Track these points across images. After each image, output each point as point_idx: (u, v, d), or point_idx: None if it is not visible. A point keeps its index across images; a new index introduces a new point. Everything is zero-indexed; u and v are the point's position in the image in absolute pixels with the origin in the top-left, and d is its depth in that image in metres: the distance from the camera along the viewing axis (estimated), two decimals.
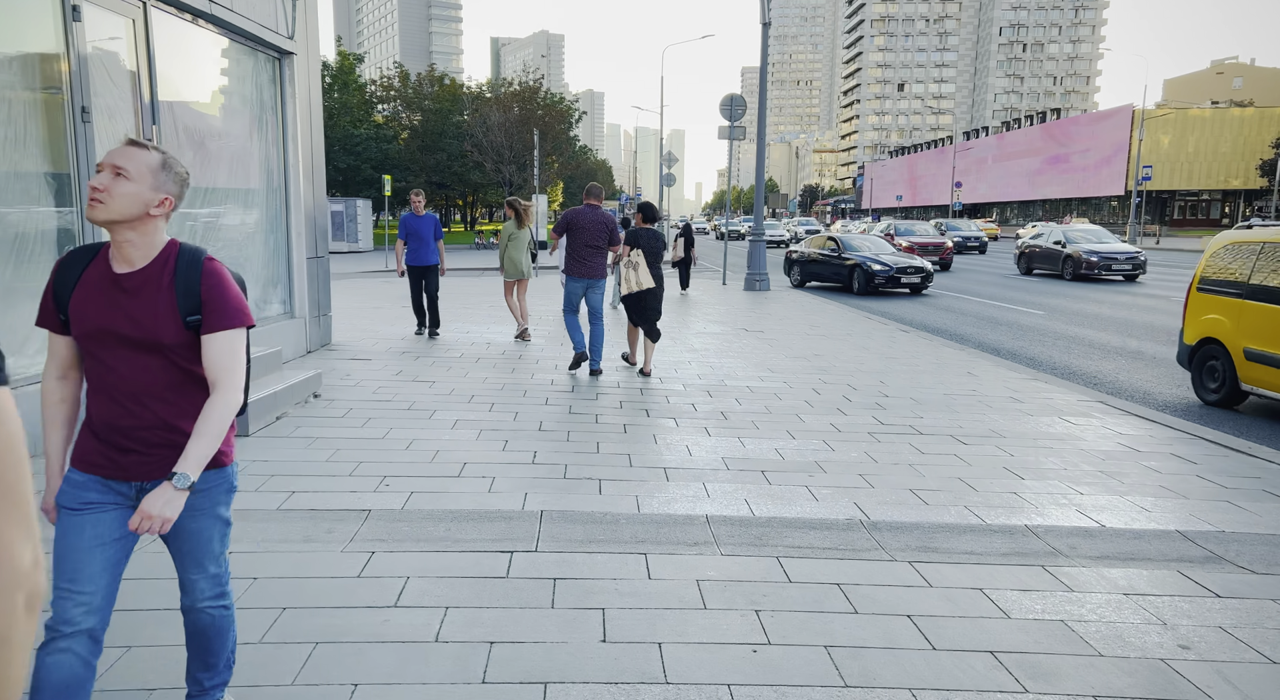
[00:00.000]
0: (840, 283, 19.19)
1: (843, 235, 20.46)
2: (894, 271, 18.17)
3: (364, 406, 6.20)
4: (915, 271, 18.19)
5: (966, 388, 8.02)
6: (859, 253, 18.93)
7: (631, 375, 8.15)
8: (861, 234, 26.06)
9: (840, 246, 19.53)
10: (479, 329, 11.32)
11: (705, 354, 9.56)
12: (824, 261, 19.74)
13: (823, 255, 19.86)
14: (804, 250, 20.77)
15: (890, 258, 18.72)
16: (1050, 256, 23.59)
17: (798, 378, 8.25)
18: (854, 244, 19.70)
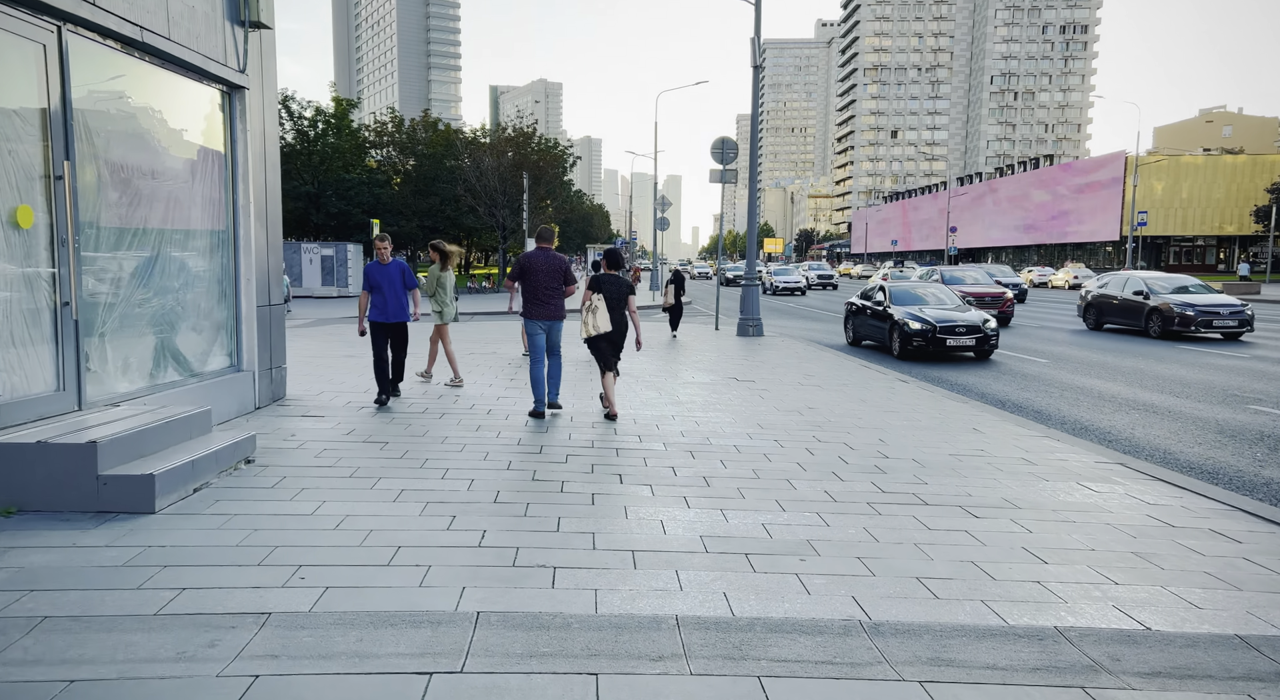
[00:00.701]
0: (883, 340, 15.74)
1: (894, 284, 17.01)
2: (936, 329, 14.37)
3: (301, 473, 5.53)
4: (967, 329, 14.36)
5: (973, 446, 7.37)
6: (900, 306, 15.59)
7: (607, 430, 7.49)
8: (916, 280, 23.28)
9: (886, 297, 16.14)
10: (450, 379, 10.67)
11: (691, 407, 8.91)
12: (871, 315, 16.40)
13: (870, 308, 16.54)
14: (859, 302, 17.27)
15: (935, 312, 14.98)
16: (1129, 309, 19.93)
17: (790, 435, 7.60)
18: (900, 294, 16.24)
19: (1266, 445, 8.05)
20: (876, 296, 16.49)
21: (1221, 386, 11.59)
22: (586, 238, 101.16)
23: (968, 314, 15.02)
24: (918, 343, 14.51)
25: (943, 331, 14.42)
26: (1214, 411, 9.83)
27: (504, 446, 6.66)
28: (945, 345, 14.38)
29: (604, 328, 8.00)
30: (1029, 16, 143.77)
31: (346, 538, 4.31)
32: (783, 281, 41.66)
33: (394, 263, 8.37)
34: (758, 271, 55.83)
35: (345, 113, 42.43)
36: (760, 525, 4.90)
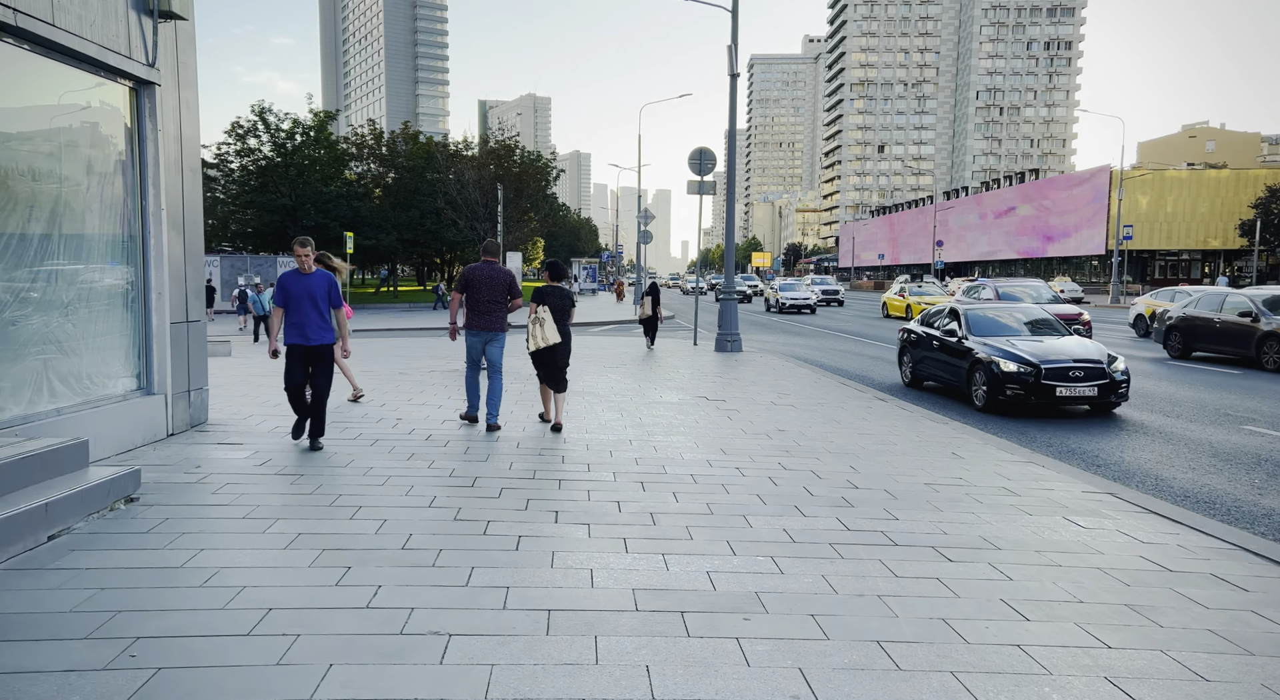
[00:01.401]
0: (958, 383, 11.42)
1: (971, 308, 12.30)
2: (1041, 371, 10.05)
3: (188, 514, 4.89)
4: (1085, 371, 10.05)
5: (951, 474, 6.80)
6: (982, 336, 11.22)
7: (553, 458, 6.88)
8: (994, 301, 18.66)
9: (961, 324, 11.73)
10: (401, 403, 10.05)
11: (652, 430, 8.31)
12: (940, 347, 12.02)
13: (937, 338, 12.18)
14: (918, 330, 12.96)
15: (1034, 345, 10.67)
16: (1234, 334, 16.05)
17: (754, 462, 7.01)
18: (981, 320, 11.73)
19: None
20: (945, 322, 12.24)
21: None
22: (573, 252, 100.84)
23: (1082, 346, 10.73)
24: (1013, 390, 10.16)
25: (1051, 375, 10.03)
26: None
27: (433, 478, 6.03)
28: (1054, 395, 9.98)
29: (552, 339, 8.03)
30: (1014, 33, 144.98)
31: (210, 597, 3.67)
32: (790, 298, 36.17)
33: (318, 274, 6.88)
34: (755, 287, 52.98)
35: (324, 125, 41.86)
36: (705, 574, 4.30)
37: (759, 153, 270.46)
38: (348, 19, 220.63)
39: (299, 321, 6.74)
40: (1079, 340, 11.16)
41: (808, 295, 36.94)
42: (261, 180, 39.85)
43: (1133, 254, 65.41)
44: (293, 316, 6.76)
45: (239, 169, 40.04)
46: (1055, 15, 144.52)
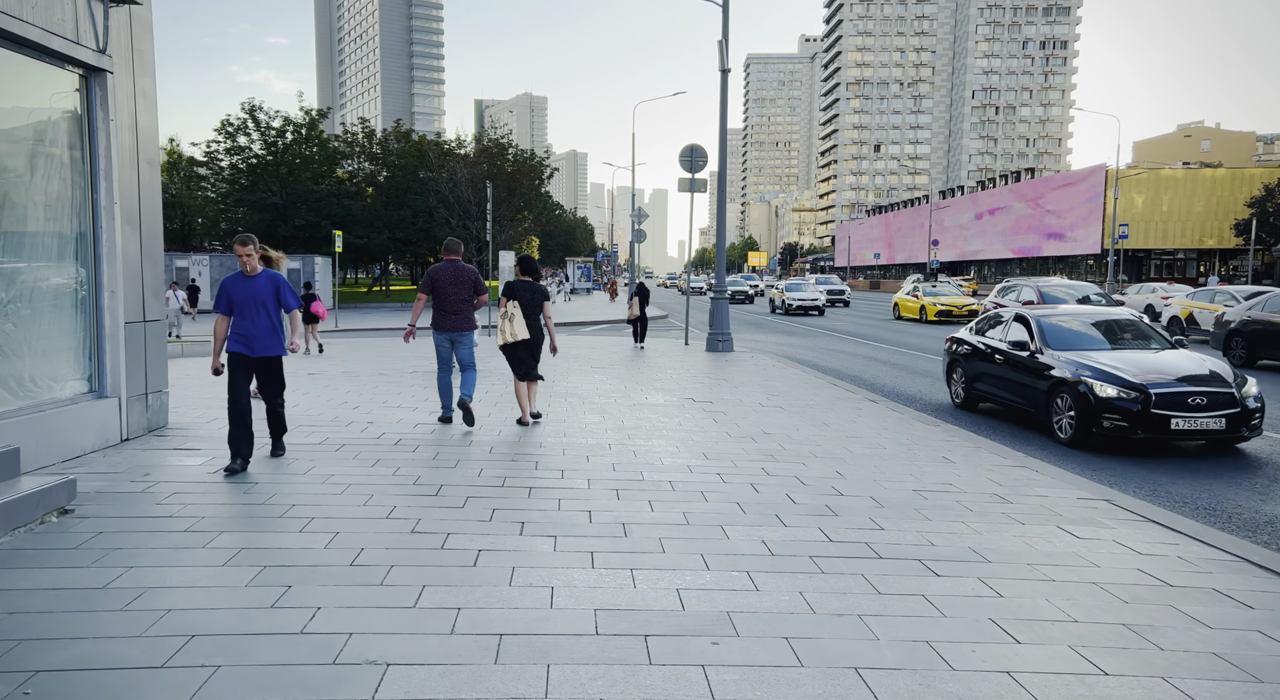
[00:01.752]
0: (1033, 409, 9.16)
1: (1045, 314, 9.96)
2: (1151, 397, 7.88)
3: (125, 527, 4.60)
4: (1209, 398, 7.90)
5: (941, 479, 6.53)
6: (1065, 350, 9.03)
7: (526, 464, 6.59)
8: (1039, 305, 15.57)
9: (1034, 334, 9.47)
10: (376, 405, 9.76)
11: (634, 434, 8.03)
12: (1005, 362, 9.73)
13: (998, 351, 9.91)
14: (971, 341, 10.72)
15: (1138, 360, 8.59)
16: None
17: (737, 467, 6.73)
18: (1059, 330, 9.44)
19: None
20: (1010, 331, 9.96)
21: None
22: (569, 251, 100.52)
23: (1192, 361, 8.59)
24: (1113, 422, 7.99)
25: (1164, 403, 7.85)
26: None
27: (396, 486, 5.74)
28: (1169, 429, 7.80)
29: (521, 335, 8.01)
30: (1009, 32, 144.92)
31: (129, 623, 3.38)
32: (798, 299, 33.56)
33: (265, 275, 6.08)
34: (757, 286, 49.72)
35: (315, 123, 41.51)
36: (674, 592, 4.02)
37: (755, 152, 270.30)
38: (343, 18, 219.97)
39: (245, 331, 5.97)
40: (1186, 354, 8.96)
41: (816, 295, 34.06)
42: (252, 179, 39.48)
43: (1128, 253, 65.29)
44: (238, 325, 5.99)
45: (229, 167, 39.69)
46: (1051, 14, 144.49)
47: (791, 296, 33.92)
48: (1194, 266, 67.83)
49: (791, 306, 33.79)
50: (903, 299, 31.23)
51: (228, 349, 6.02)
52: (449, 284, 8.03)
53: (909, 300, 30.41)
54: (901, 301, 31.26)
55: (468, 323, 8.18)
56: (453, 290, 8.04)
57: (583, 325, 28.68)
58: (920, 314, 29.18)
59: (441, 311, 8.09)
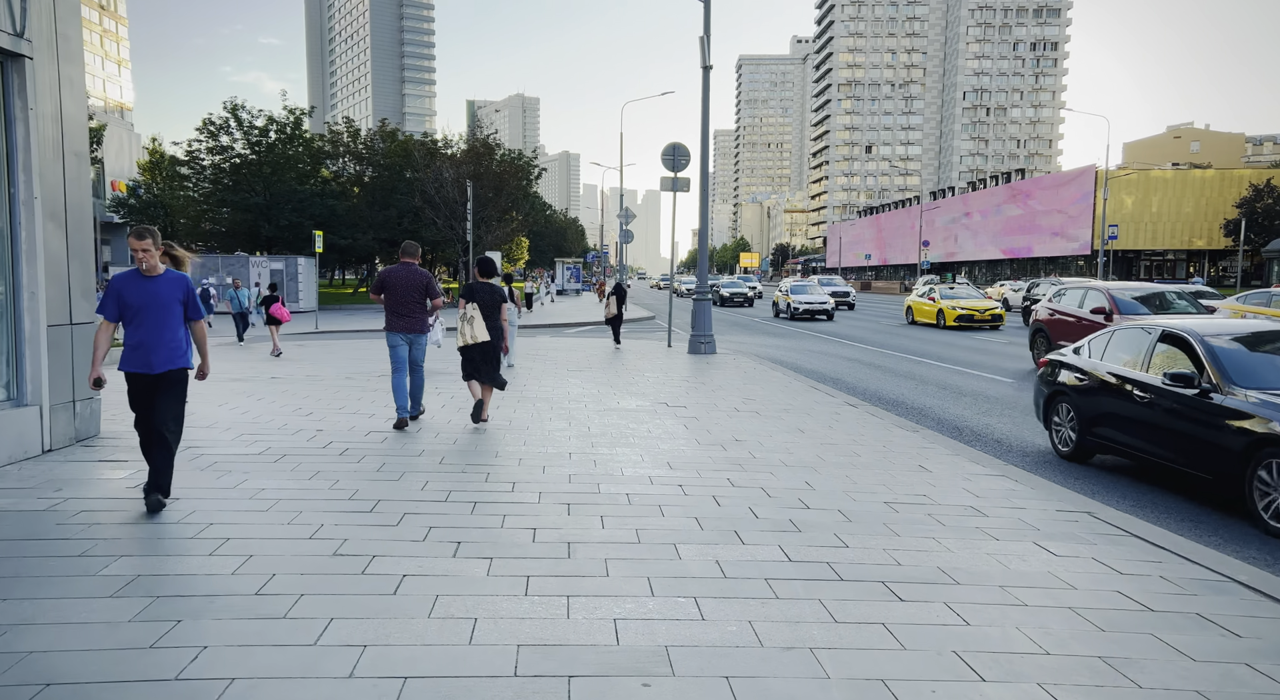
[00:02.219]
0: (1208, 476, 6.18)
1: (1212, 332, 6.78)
2: None
3: (8, 553, 4.19)
4: None
5: (914, 490, 6.20)
6: (1268, 393, 5.88)
7: (476, 476, 6.23)
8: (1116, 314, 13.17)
9: (1206, 365, 6.40)
10: (330, 411, 9.39)
11: (598, 442, 7.68)
12: (1148, 401, 6.80)
13: (1142, 386, 6.93)
14: (1089, 367, 7.80)
15: None
16: None
17: (701, 477, 6.39)
18: (1252, 360, 6.36)
19: None
20: (1155, 355, 7.03)
21: None
22: (560, 252, 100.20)
23: None
24: None
25: None
26: None
27: (329, 501, 5.38)
28: None
29: (481, 336, 8.13)
30: (1000, 33, 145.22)
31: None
32: (805, 302, 30.64)
33: (169, 276, 5.16)
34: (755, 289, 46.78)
35: (300, 122, 41.04)
36: (611, 622, 3.67)
37: (748, 153, 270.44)
38: (334, 18, 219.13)
39: (141, 342, 4.97)
40: None
41: (825, 298, 31.01)
42: (233, 179, 38.98)
43: (1118, 254, 65.30)
44: (132, 335, 5.00)
45: (211, 167, 39.17)
46: (1041, 16, 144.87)
47: (798, 300, 31.01)
48: (1184, 267, 67.91)
49: (798, 310, 30.82)
50: (917, 302, 28.54)
51: (122, 368, 5.05)
52: (401, 286, 8.18)
53: (924, 303, 27.68)
54: (916, 305, 28.51)
55: (421, 325, 8.31)
56: (404, 292, 8.16)
57: (568, 327, 28.32)
58: (938, 319, 26.39)
59: (394, 313, 8.21)
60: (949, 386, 12.97)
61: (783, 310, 32.05)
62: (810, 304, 30.70)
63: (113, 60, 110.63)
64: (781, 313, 32.12)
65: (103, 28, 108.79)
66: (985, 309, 25.46)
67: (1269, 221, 58.36)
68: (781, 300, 32.31)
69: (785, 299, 31.83)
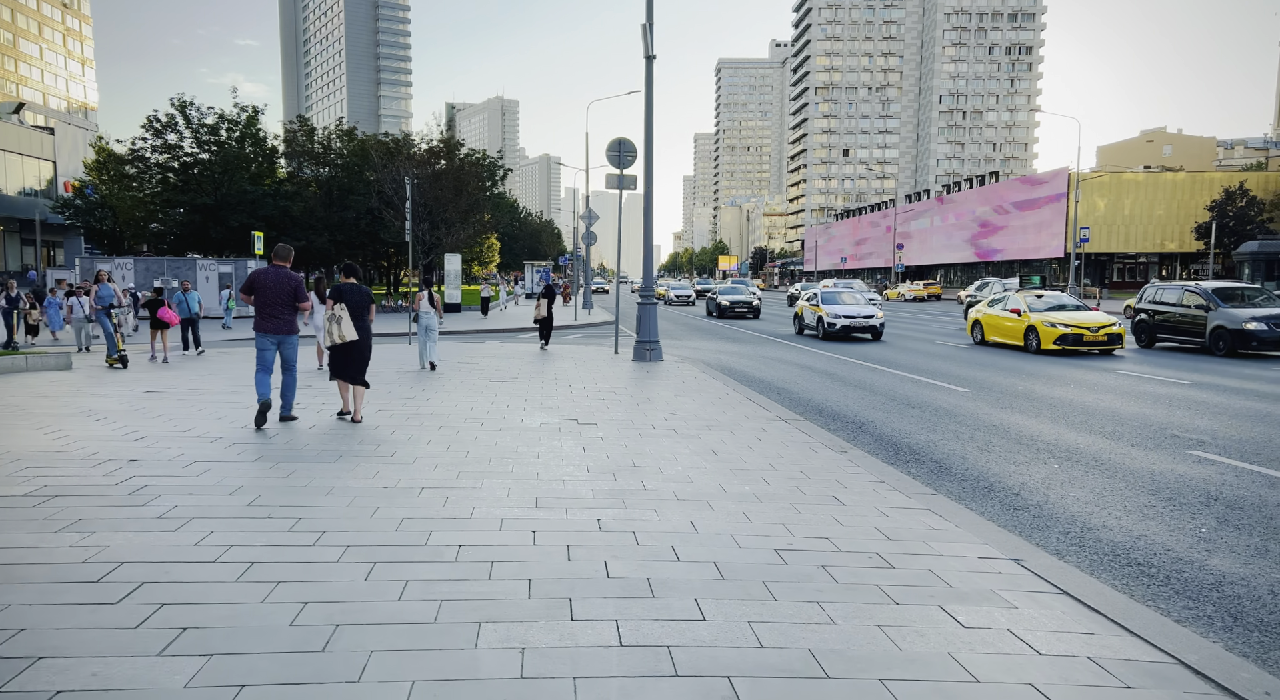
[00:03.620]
0: None
1: None
2: None
3: None
4: None
5: (817, 530, 5.24)
6: None
7: (267, 528, 5.18)
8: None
9: None
10: (170, 436, 8.32)
11: (469, 471, 6.65)
12: None
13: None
14: None
15: None
16: None
17: (568, 519, 5.38)
18: None
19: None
20: None
21: None
22: (535, 254, 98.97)
23: None
24: None
25: None
26: None
27: (51, 567, 4.29)
28: None
29: (349, 336, 8.44)
30: (976, 37, 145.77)
31: None
32: (845, 318, 22.11)
33: None
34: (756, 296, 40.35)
35: (253, 120, 39.67)
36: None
37: (727, 156, 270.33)
38: (308, 19, 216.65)
39: None
40: None
41: (870, 312, 22.43)
42: (181, 178, 37.54)
43: (1091, 257, 65.11)
44: None
45: (158, 166, 37.68)
46: (1016, 20, 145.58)
47: (834, 313, 22.28)
48: (1156, 270, 67.86)
49: (833, 328, 22.11)
50: (990, 315, 20.46)
51: None
52: (270, 288, 8.30)
53: (1003, 318, 19.82)
54: (990, 319, 20.40)
55: (289, 326, 8.48)
56: (273, 294, 8.31)
57: (521, 331, 27.24)
58: (1027, 339, 18.62)
59: (263, 315, 8.36)
60: None
61: (810, 327, 23.71)
62: (852, 319, 22.16)
63: (76, 59, 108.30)
64: (808, 329, 23.86)
65: (65, 26, 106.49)
66: (1099, 325, 17.94)
67: (1240, 224, 58.35)
68: (808, 313, 23.87)
69: (815, 311, 23.29)
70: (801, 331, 24.71)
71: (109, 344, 14.49)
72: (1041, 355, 17.99)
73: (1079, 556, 5.33)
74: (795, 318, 25.54)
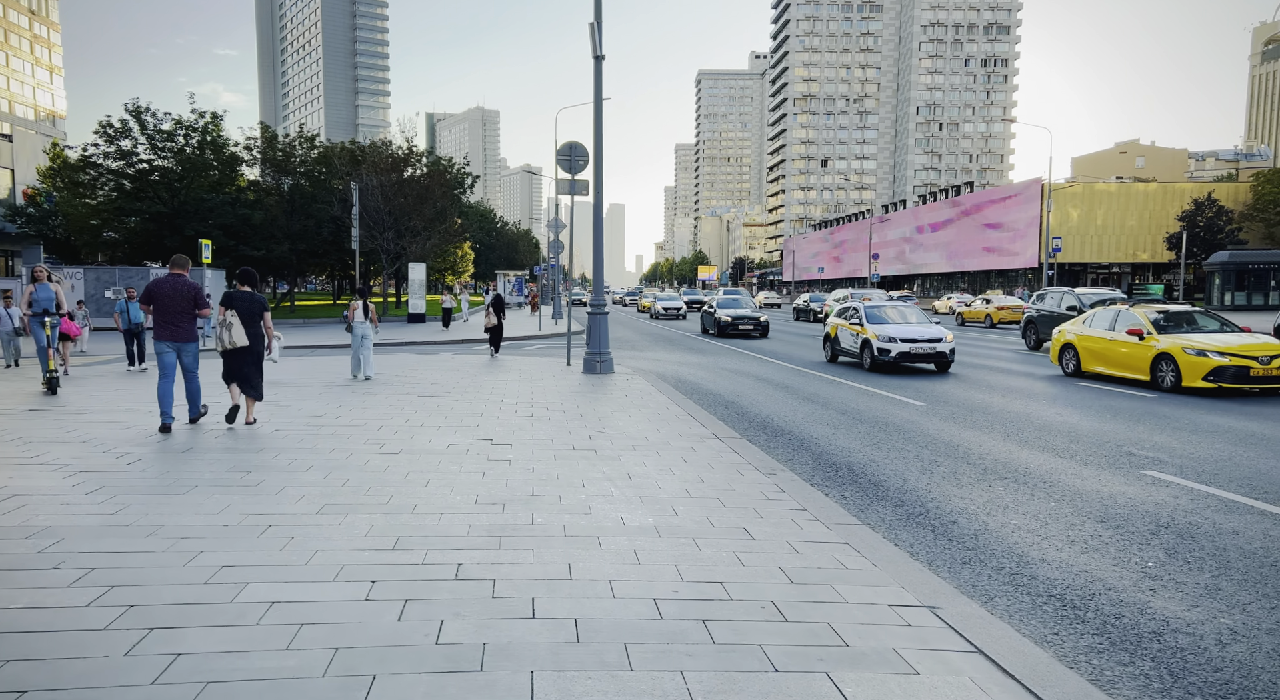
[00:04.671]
0: None
1: None
2: None
3: None
4: None
5: (712, 572, 4.56)
6: None
7: (69, 599, 4.42)
8: None
9: None
10: (20, 465, 7.53)
11: (335, 503, 5.92)
12: None
13: None
14: None
15: None
16: None
17: (425, 563, 4.67)
18: None
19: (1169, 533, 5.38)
20: None
21: None
22: (512, 264, 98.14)
23: None
24: None
25: None
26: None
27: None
28: None
29: (240, 342, 8.69)
30: (952, 49, 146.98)
31: None
32: (904, 343, 16.55)
33: None
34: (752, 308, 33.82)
35: (213, 126, 38.73)
36: None
37: (708, 167, 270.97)
38: (285, 28, 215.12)
39: None
40: None
41: (937, 334, 16.75)
42: (136, 185, 36.46)
43: (1064, 267, 65.22)
44: None
45: (111, 173, 36.58)
46: (992, 33, 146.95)
47: (888, 336, 16.72)
48: (1129, 280, 68.10)
49: (885, 356, 16.61)
50: (1090, 337, 15.26)
51: None
52: (168, 297, 8.45)
53: (1114, 341, 14.60)
54: (1088, 342, 15.24)
55: (188, 334, 8.62)
56: (171, 302, 8.45)
57: (479, 343, 26.42)
58: (1157, 372, 13.47)
59: (162, 323, 8.49)
60: None
61: (849, 353, 18.25)
62: (913, 344, 16.47)
63: (43, 67, 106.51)
64: (846, 356, 18.54)
65: (33, 33, 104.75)
66: (1271, 353, 12.74)
67: (1210, 235, 58.61)
68: (846, 334, 18.24)
69: (856, 332, 17.67)
70: (835, 359, 19.03)
71: (41, 360, 12.27)
72: (1182, 395, 12.78)
73: (1010, 598, 4.69)
74: (826, 340, 19.38)
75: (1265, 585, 4.91)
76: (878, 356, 16.73)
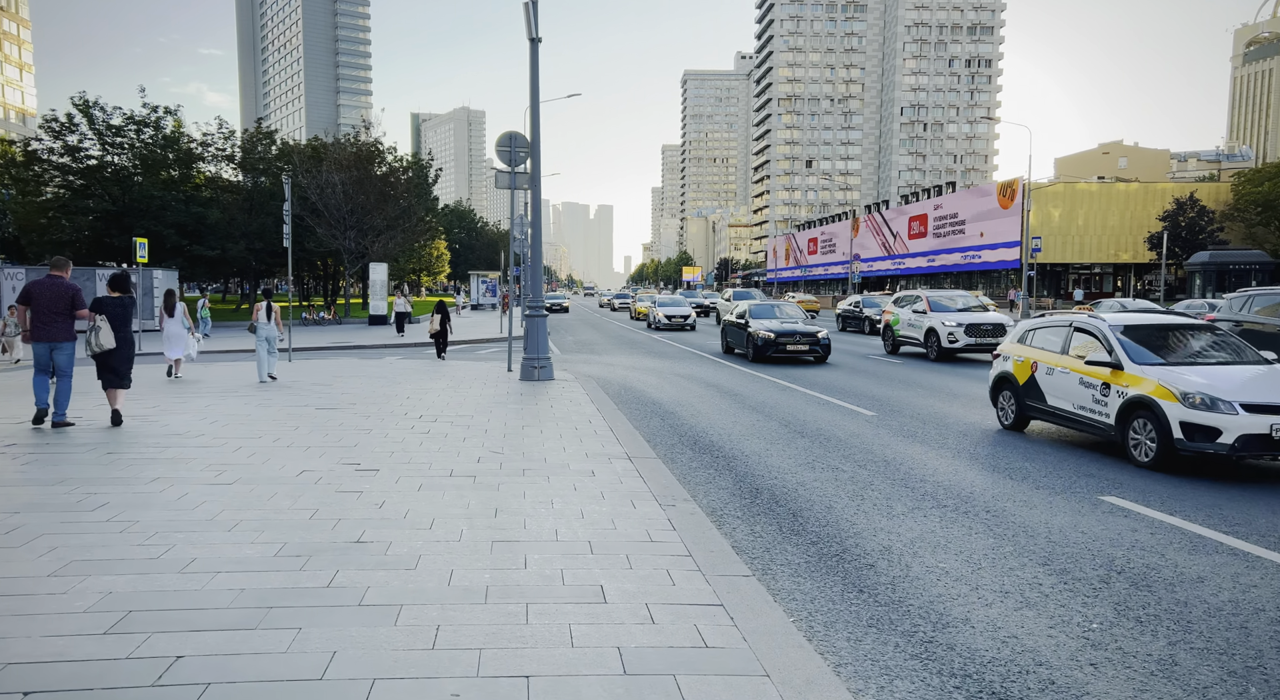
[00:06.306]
0: None
1: None
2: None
3: None
4: None
5: (517, 663, 3.42)
6: None
7: None
8: None
9: None
10: None
11: (83, 561, 4.74)
12: None
13: None
14: None
15: None
16: None
17: (142, 651, 3.50)
18: None
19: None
20: None
21: None
22: (491, 265, 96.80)
23: None
24: None
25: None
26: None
27: None
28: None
29: (107, 345, 8.85)
30: (936, 50, 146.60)
31: None
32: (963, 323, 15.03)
33: None
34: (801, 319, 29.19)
35: (178, 121, 37.27)
36: None
37: (694, 168, 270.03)
38: (266, 27, 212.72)
39: None
40: None
41: (949, 327, 15.36)
42: (84, 182, 35.01)
43: (1046, 267, 64.54)
44: None
45: (57, 168, 35.10)
46: (975, 34, 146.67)
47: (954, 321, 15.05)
48: (1110, 281, 67.52)
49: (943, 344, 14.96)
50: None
51: None
52: (45, 298, 8.62)
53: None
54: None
55: (64, 333, 8.77)
56: (48, 303, 8.61)
57: (430, 347, 25.19)
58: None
59: (39, 324, 8.63)
60: None
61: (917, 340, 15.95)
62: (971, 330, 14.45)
63: (13, 63, 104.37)
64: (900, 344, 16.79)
65: (2, 30, 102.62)
66: None
67: (1192, 235, 58.02)
68: (908, 321, 16.06)
69: (925, 322, 15.49)
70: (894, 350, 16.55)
71: None
72: None
73: (913, 681, 3.60)
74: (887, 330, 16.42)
75: (1231, 657, 3.83)
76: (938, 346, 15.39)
